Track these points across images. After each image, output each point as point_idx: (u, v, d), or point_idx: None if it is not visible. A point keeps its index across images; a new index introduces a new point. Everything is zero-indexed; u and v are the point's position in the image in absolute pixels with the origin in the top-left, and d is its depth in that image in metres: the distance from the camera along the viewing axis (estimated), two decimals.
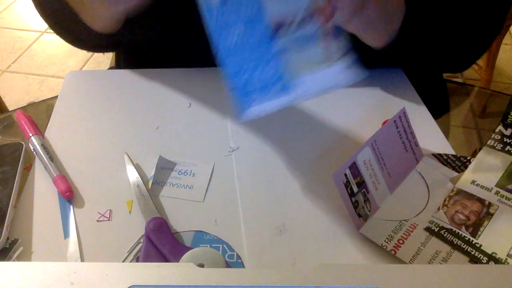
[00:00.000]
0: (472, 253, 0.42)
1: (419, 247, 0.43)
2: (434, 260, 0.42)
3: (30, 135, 0.54)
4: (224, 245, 0.44)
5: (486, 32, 0.61)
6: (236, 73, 0.43)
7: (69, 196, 0.48)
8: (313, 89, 0.42)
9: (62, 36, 0.67)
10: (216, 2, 0.43)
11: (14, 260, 0.42)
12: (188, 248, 0.41)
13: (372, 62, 0.61)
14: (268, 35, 0.43)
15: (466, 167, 0.50)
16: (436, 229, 0.44)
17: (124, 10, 0.54)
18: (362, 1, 0.46)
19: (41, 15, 0.65)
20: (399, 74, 0.66)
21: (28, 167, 0.52)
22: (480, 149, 0.52)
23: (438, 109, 0.63)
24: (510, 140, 0.51)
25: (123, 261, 0.42)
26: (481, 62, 1.67)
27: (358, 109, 0.60)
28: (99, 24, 0.61)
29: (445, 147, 0.54)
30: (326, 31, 0.43)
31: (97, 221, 0.46)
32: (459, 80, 1.96)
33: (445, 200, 0.46)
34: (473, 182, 0.48)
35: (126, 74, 0.67)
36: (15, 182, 0.48)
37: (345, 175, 0.43)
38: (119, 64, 0.82)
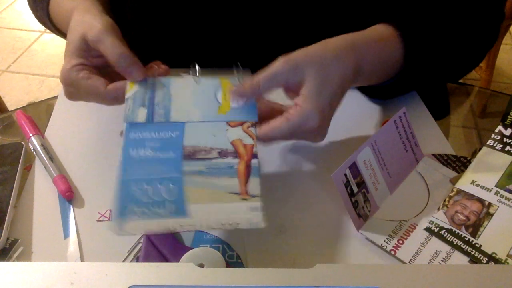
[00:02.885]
0: (472, 253, 0.42)
1: (419, 247, 0.43)
2: (434, 260, 0.42)
3: (30, 135, 0.54)
4: (224, 245, 0.43)
5: (481, 45, 0.61)
6: (130, 181, 0.40)
7: (69, 196, 0.48)
8: (207, 220, 0.38)
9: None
10: (141, 117, 0.44)
11: (14, 260, 0.42)
12: (188, 248, 0.41)
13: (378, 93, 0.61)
14: (180, 157, 0.42)
15: (466, 167, 0.50)
16: (436, 229, 0.44)
17: None
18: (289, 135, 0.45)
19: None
20: None
21: (28, 167, 0.52)
22: (480, 149, 0.51)
23: (439, 110, 0.63)
24: (510, 140, 0.51)
25: (123, 261, 0.42)
26: (481, 62, 1.67)
27: (358, 109, 0.60)
28: None
29: (445, 147, 0.54)
30: (242, 170, 0.41)
31: (97, 221, 0.46)
32: (459, 80, 1.96)
33: (445, 200, 0.46)
34: (473, 182, 0.48)
35: None
36: (15, 182, 0.48)
37: (345, 175, 0.43)
38: None
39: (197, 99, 0.46)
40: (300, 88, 0.44)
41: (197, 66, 0.48)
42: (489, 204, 0.45)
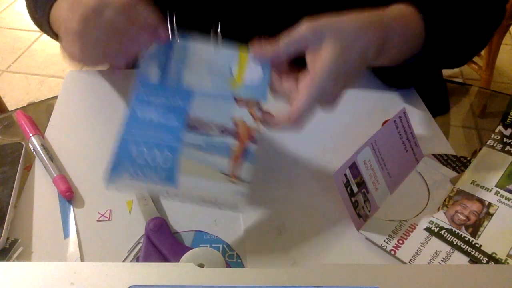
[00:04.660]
0: (472, 253, 0.42)
1: (419, 247, 0.43)
2: (434, 260, 0.42)
3: (30, 135, 0.54)
4: (224, 245, 0.44)
5: (487, 25, 0.61)
6: (130, 141, 0.42)
7: (69, 196, 0.48)
8: (194, 194, 0.40)
9: None
10: (154, 78, 0.45)
11: (14, 260, 0.42)
12: (188, 248, 0.41)
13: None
14: (182, 126, 0.43)
15: (466, 167, 0.50)
16: (436, 229, 0.44)
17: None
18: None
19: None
20: None
21: (28, 167, 0.52)
22: (480, 149, 0.52)
23: (438, 106, 0.63)
24: (510, 140, 0.51)
25: (123, 261, 0.42)
26: (481, 62, 1.67)
27: (358, 109, 0.60)
28: None
29: (445, 147, 0.54)
30: (238, 152, 0.42)
31: (97, 221, 0.46)
32: (459, 80, 1.96)
33: (445, 201, 0.46)
34: (473, 182, 0.48)
35: (126, 74, 0.67)
36: (15, 182, 0.48)
37: (345, 175, 0.43)
38: None
39: (212, 69, 0.46)
40: (319, 52, 0.44)
41: (219, 29, 0.48)
42: (489, 204, 0.45)
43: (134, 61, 0.48)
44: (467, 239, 0.43)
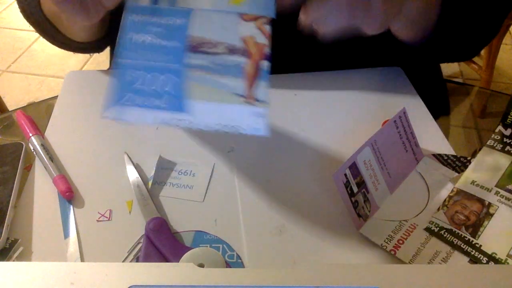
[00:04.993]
0: (472, 253, 0.42)
1: (419, 247, 0.43)
2: (434, 260, 0.42)
3: (30, 135, 0.54)
4: (224, 245, 0.44)
5: (497, 14, 0.60)
6: (129, 66, 0.37)
7: (69, 196, 0.48)
8: (208, 120, 0.36)
9: (49, 41, 0.67)
10: (145, 1, 0.40)
11: (14, 260, 0.42)
12: (188, 248, 0.41)
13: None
14: (185, 47, 0.38)
15: (466, 167, 0.50)
16: (436, 229, 0.44)
17: (95, 22, 0.49)
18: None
19: (27, 21, 0.66)
20: (399, 74, 0.66)
21: (28, 167, 0.52)
22: (480, 149, 0.51)
23: (438, 109, 0.63)
24: (510, 140, 0.51)
25: (123, 261, 0.42)
26: (481, 62, 1.67)
27: (358, 109, 0.60)
28: (77, 37, 0.61)
29: (445, 147, 0.54)
30: (251, 71, 0.38)
31: (97, 221, 0.46)
32: (459, 80, 1.96)
33: (445, 201, 0.46)
34: (473, 182, 0.48)
35: None
36: (15, 182, 0.48)
37: (345, 175, 0.43)
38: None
39: None
40: None
41: None
42: (489, 204, 0.45)
43: None
44: (467, 239, 0.43)
